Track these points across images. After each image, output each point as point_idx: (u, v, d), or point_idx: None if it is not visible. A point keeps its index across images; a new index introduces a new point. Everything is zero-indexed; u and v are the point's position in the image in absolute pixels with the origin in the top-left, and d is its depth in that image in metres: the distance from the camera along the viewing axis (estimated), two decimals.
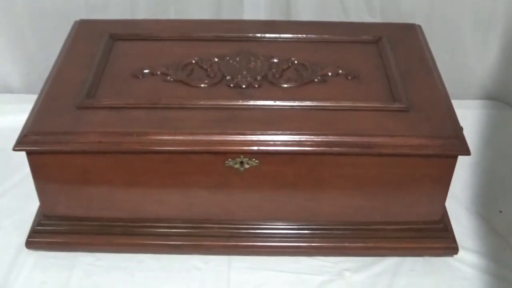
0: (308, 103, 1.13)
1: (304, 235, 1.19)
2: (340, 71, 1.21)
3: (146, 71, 1.21)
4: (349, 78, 1.20)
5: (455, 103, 1.19)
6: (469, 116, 1.50)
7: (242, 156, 1.09)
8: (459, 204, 1.30)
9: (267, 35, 1.31)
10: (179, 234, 1.19)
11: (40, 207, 1.21)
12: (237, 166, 1.10)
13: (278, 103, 1.13)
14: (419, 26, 1.37)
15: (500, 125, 1.53)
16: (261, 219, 1.19)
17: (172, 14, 1.54)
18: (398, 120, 1.11)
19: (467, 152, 1.07)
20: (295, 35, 1.32)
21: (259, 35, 1.32)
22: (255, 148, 1.07)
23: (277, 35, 1.32)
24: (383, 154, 1.08)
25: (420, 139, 1.08)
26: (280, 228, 1.19)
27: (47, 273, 1.17)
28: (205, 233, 1.19)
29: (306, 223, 1.19)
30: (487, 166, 1.40)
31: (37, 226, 1.20)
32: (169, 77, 1.19)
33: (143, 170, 1.12)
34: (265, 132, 1.08)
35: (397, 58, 1.24)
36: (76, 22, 1.36)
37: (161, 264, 1.19)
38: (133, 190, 1.15)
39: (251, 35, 1.32)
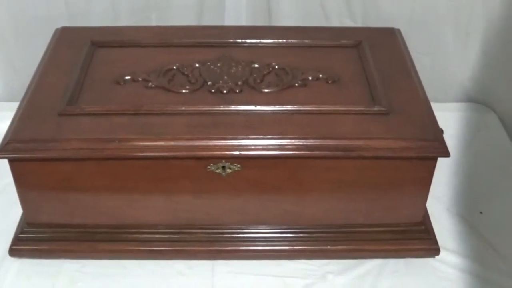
0: (289, 107, 1.14)
1: (287, 239, 1.20)
2: (321, 75, 1.22)
3: (127, 77, 1.21)
4: (330, 82, 1.21)
5: (435, 106, 1.20)
6: (450, 118, 1.51)
7: (224, 161, 1.09)
8: (440, 205, 1.31)
9: (248, 40, 1.32)
10: (163, 239, 1.19)
11: (23, 214, 1.20)
12: (219, 171, 1.10)
13: (259, 107, 1.14)
14: (399, 30, 1.38)
15: (480, 127, 1.55)
16: (244, 223, 1.19)
17: (153, 20, 1.55)
18: (378, 123, 1.12)
19: (446, 154, 1.09)
20: (276, 40, 1.33)
21: (240, 40, 1.32)
22: (237, 152, 1.08)
23: (258, 40, 1.32)
24: (364, 157, 1.09)
25: (401, 141, 1.09)
26: (263, 232, 1.20)
27: (32, 280, 1.17)
28: (188, 238, 1.19)
29: (289, 226, 1.20)
30: (468, 168, 1.42)
31: (20, 233, 1.20)
32: (150, 83, 1.20)
33: (126, 176, 1.12)
34: (247, 137, 1.08)
35: (377, 62, 1.26)
36: (57, 29, 1.36)
37: (145, 270, 1.19)
38: (117, 196, 1.15)
39: (232, 40, 1.33)
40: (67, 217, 1.18)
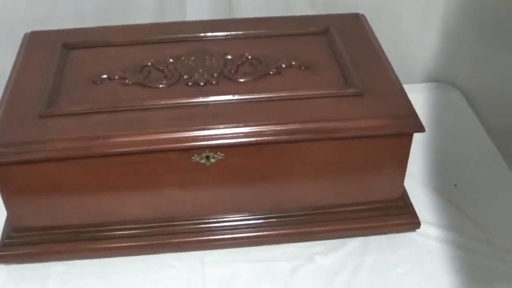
0: (266, 95, 1.17)
1: (272, 224, 1.22)
2: (294, 63, 1.25)
3: (104, 76, 1.22)
4: (303, 68, 1.24)
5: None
6: (416, 98, 1.50)
7: (207, 151, 1.11)
8: (416, 181, 1.35)
9: (218, 33, 1.34)
10: (151, 234, 1.20)
11: (7, 220, 1.20)
12: (203, 161, 1.12)
13: (237, 97, 1.16)
14: (363, 16, 1.42)
15: (446, 105, 1.60)
16: (230, 212, 1.22)
17: (117, 21, 1.54)
18: (353, 104, 1.15)
19: (421, 129, 1.13)
20: (245, 32, 1.35)
21: (210, 34, 1.34)
22: (220, 141, 1.10)
23: (227, 33, 1.35)
24: (343, 138, 1.12)
25: (377, 120, 1.12)
26: (249, 218, 1.22)
27: (20, 286, 1.17)
28: (176, 231, 1.21)
29: (274, 211, 1.23)
30: (439, 144, 1.46)
31: (6, 239, 1.19)
32: (127, 81, 1.21)
33: (110, 173, 1.13)
34: (228, 126, 1.10)
35: (346, 47, 1.29)
36: (26, 34, 1.36)
37: (135, 266, 1.19)
38: (102, 194, 1.16)
39: (202, 34, 1.35)
40: (53, 219, 1.18)
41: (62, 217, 1.18)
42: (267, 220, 1.22)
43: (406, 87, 1.33)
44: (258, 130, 1.11)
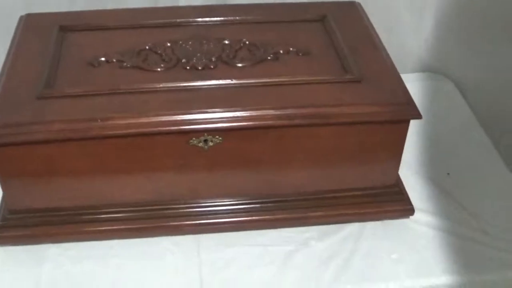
0: (265, 80, 1.17)
1: (268, 208, 1.22)
2: (291, 49, 1.26)
3: (101, 59, 1.22)
4: (300, 54, 1.25)
5: None
6: (409, 88, 1.54)
7: (205, 134, 1.11)
8: (409, 169, 1.36)
9: (214, 18, 1.35)
10: (148, 217, 1.20)
11: (3, 201, 1.20)
12: (201, 144, 1.12)
13: (235, 81, 1.17)
14: (359, 4, 1.42)
15: (439, 95, 1.61)
16: (227, 196, 1.22)
17: (109, 4, 1.54)
18: (351, 90, 1.16)
19: (418, 115, 1.14)
20: (242, 18, 1.35)
21: (206, 19, 1.35)
22: (218, 125, 1.10)
23: (224, 19, 1.35)
24: (341, 123, 1.13)
25: (374, 106, 1.13)
26: (246, 203, 1.22)
27: (17, 268, 1.16)
28: (173, 214, 1.21)
29: (270, 196, 1.23)
30: (432, 133, 1.48)
31: (2, 221, 1.19)
32: (125, 64, 1.21)
33: (108, 156, 1.13)
34: (227, 109, 1.11)
35: (343, 34, 1.30)
36: (22, 16, 1.36)
37: (131, 249, 1.19)
38: (100, 177, 1.16)
39: (199, 19, 1.35)
40: (50, 201, 1.18)
41: (58, 199, 1.18)
42: (263, 205, 1.23)
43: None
44: (256, 114, 1.11)
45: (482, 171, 1.38)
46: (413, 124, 1.17)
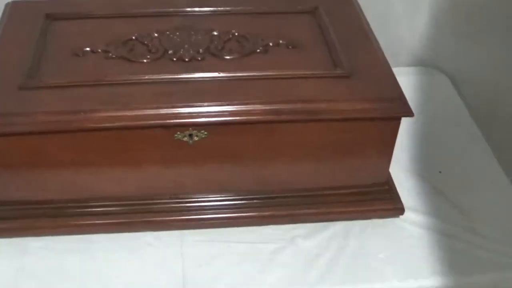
0: (253, 73, 1.14)
1: (255, 205, 1.20)
2: (281, 41, 1.23)
3: (86, 49, 1.19)
4: (290, 47, 1.22)
5: None
6: (402, 83, 1.51)
7: (190, 129, 1.09)
8: (400, 167, 1.34)
9: (204, 9, 1.32)
10: (131, 211, 1.18)
11: None
12: (186, 139, 1.10)
13: (223, 74, 1.14)
14: None
15: (432, 89, 1.59)
16: (213, 191, 1.20)
17: None
18: (341, 85, 1.13)
19: (410, 113, 1.11)
20: (232, 8, 1.32)
21: (196, 9, 1.32)
22: (203, 119, 1.07)
23: (214, 9, 1.32)
24: (330, 120, 1.10)
25: (364, 103, 1.10)
26: (231, 199, 1.20)
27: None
28: (157, 209, 1.19)
29: (257, 192, 1.21)
30: (424, 129, 1.45)
31: None
32: (110, 54, 1.18)
33: (92, 148, 1.10)
34: (213, 103, 1.08)
35: (335, 27, 1.27)
36: (8, 3, 1.32)
37: (113, 244, 1.17)
38: (84, 170, 1.13)
39: (188, 9, 1.32)
40: (32, 193, 1.15)
41: (41, 192, 1.16)
42: (250, 201, 1.20)
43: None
44: (243, 109, 1.08)
45: (474, 169, 1.36)
46: (405, 119, 1.14)
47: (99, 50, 1.19)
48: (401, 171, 1.33)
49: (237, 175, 1.17)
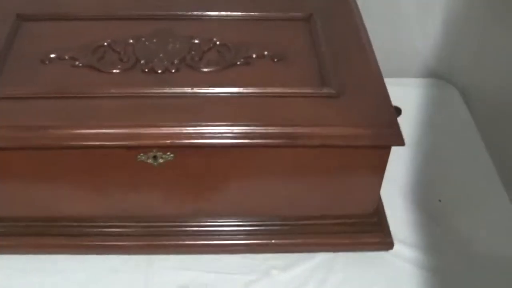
0: (229, 89, 1.04)
1: (228, 232, 1.11)
2: (266, 53, 1.11)
3: (53, 55, 1.09)
4: (276, 60, 1.10)
5: (393, 81, 1.13)
6: (409, 95, 1.43)
7: (155, 150, 0.99)
8: (396, 191, 1.23)
9: (189, 12, 1.21)
10: (96, 233, 1.11)
11: None
12: (150, 161, 1.00)
13: (196, 90, 1.03)
14: (354, 0, 1.27)
15: (441, 105, 1.46)
16: (182, 216, 1.11)
17: None
18: (327, 107, 1.02)
19: (400, 142, 0.99)
20: (219, 13, 1.21)
21: (180, 13, 1.21)
22: (168, 141, 0.97)
23: (199, 13, 1.21)
24: (311, 146, 0.99)
25: (351, 128, 0.99)
26: (203, 225, 1.11)
27: None
28: (122, 232, 1.11)
29: (231, 218, 1.12)
30: (427, 149, 1.33)
31: None
32: (77, 62, 1.08)
33: (52, 165, 1.02)
34: (180, 124, 0.98)
35: (328, 37, 1.15)
36: None
37: (78, 265, 1.10)
38: (45, 188, 1.05)
39: (172, 13, 1.21)
40: None
41: (3, 210, 1.08)
42: (222, 228, 1.11)
43: (398, 80, 1.30)
44: (215, 131, 0.98)
45: (477, 197, 1.23)
46: (407, 135, 1.02)
47: (66, 57, 1.09)
48: (396, 195, 1.23)
49: (208, 199, 1.08)
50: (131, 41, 1.13)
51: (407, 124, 1.28)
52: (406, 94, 1.39)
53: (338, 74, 1.07)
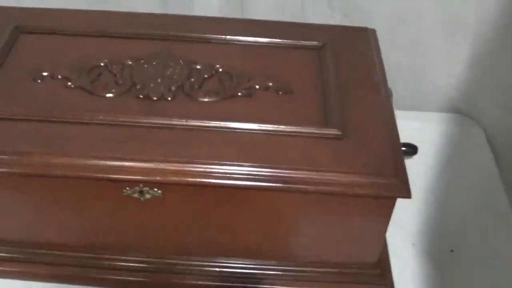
0: (226, 123, 0.96)
1: (213, 274, 1.04)
2: (270, 84, 1.04)
3: (45, 73, 1.03)
4: (280, 93, 1.03)
5: (412, 114, 1.04)
6: (428, 130, 1.34)
7: (141, 185, 0.92)
8: (404, 238, 1.15)
9: (194, 34, 1.14)
10: (76, 263, 1.05)
11: None
12: (136, 195, 0.93)
13: (190, 122, 0.96)
14: (373, 30, 1.19)
15: (462, 143, 1.37)
16: (167, 254, 1.04)
17: (111, 5, 1.34)
18: (329, 150, 0.94)
19: (407, 194, 0.91)
20: (225, 37, 1.14)
21: (186, 34, 1.14)
22: (156, 177, 0.90)
23: (204, 35, 1.14)
24: (308, 192, 0.91)
25: (352, 176, 0.91)
26: (187, 265, 1.05)
27: None
28: (103, 265, 1.05)
29: (216, 260, 1.05)
30: (442, 194, 1.24)
31: None
32: (70, 83, 1.02)
33: (32, 192, 0.97)
34: (169, 159, 0.91)
35: (338, 70, 1.08)
36: None
37: None
38: (26, 213, 1.00)
39: (178, 34, 1.14)
40: None
41: None
42: (207, 269, 1.04)
43: (418, 114, 1.26)
44: (205, 169, 0.91)
45: (493, 252, 1.13)
46: (422, 177, 0.92)
47: (59, 77, 1.03)
48: (404, 243, 1.15)
49: (195, 237, 1.01)
50: (129, 62, 1.07)
51: (422, 163, 1.21)
52: (425, 130, 1.32)
53: (345, 112, 1.00)
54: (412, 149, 1.23)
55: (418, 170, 0.89)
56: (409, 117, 0.98)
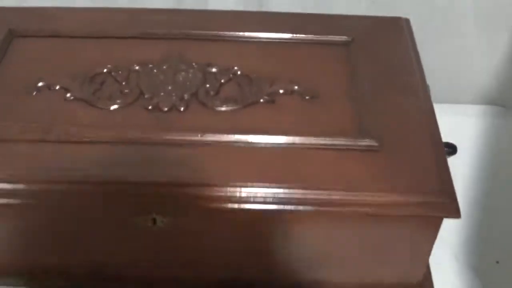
0: (245, 137, 0.85)
1: None
2: (296, 88, 0.93)
3: (41, 84, 0.92)
4: (306, 98, 0.91)
5: (447, 107, 0.97)
6: (465, 125, 1.22)
7: (154, 213, 0.81)
8: (446, 251, 1.04)
9: (209, 32, 1.02)
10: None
11: None
12: (148, 223, 0.83)
13: (206, 137, 0.85)
14: (407, 20, 1.07)
15: (503, 138, 1.24)
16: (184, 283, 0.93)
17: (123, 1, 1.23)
18: (364, 164, 0.83)
19: (456, 214, 0.79)
20: (243, 33, 1.02)
21: (199, 32, 1.02)
22: (169, 205, 0.80)
23: (219, 32, 1.02)
24: (342, 215, 0.80)
25: (393, 195, 0.80)
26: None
27: None
28: None
29: (248, 283, 0.93)
30: (485, 200, 1.12)
31: None
32: (69, 94, 0.91)
33: (31, 215, 0.86)
34: (181, 182, 0.80)
35: (371, 68, 0.97)
36: None
37: None
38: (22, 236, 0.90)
39: (190, 31, 1.03)
40: None
41: None
42: None
43: (456, 108, 1.19)
44: (222, 193, 0.80)
45: None
46: (463, 180, 0.81)
47: (57, 87, 0.92)
48: (447, 257, 1.05)
49: (214, 266, 0.91)
50: (136, 67, 0.96)
51: (462, 163, 1.10)
52: (462, 125, 1.21)
53: (380, 118, 0.89)
54: (451, 149, 1.11)
55: (457, 171, 0.79)
56: (445, 110, 0.87)
